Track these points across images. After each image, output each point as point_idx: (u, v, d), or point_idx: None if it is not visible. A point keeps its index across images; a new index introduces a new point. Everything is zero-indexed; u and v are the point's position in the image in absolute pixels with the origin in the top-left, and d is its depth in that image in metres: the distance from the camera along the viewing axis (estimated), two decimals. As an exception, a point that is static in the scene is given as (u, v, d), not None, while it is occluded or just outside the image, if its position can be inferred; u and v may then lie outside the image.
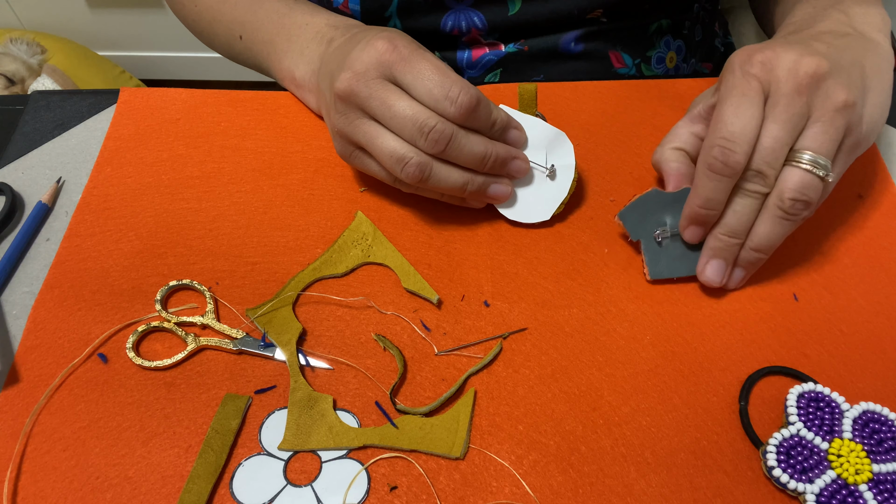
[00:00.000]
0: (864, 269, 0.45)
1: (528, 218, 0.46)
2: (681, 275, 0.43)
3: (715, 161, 0.38)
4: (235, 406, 0.39)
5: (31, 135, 0.52)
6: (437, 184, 0.42)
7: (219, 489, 0.36)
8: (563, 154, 0.46)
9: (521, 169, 0.45)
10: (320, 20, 0.51)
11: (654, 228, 0.43)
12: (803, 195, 0.38)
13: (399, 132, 0.40)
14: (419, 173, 0.41)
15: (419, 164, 0.40)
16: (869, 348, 0.41)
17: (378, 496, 0.36)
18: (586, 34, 0.59)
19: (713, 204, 0.40)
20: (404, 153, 0.40)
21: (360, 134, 0.42)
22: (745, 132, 0.38)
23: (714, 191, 0.39)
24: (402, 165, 0.40)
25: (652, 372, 0.41)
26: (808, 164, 0.38)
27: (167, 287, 0.43)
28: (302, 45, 0.50)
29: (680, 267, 0.43)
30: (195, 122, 0.52)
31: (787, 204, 0.38)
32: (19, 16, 1.61)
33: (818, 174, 0.38)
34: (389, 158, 0.41)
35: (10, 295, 0.44)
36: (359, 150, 0.43)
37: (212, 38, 0.60)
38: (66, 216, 0.47)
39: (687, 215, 0.41)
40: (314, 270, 0.44)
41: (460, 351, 0.41)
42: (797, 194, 0.38)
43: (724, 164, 0.38)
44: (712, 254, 0.42)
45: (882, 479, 0.35)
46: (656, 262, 0.43)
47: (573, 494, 0.36)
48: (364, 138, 0.42)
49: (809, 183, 0.38)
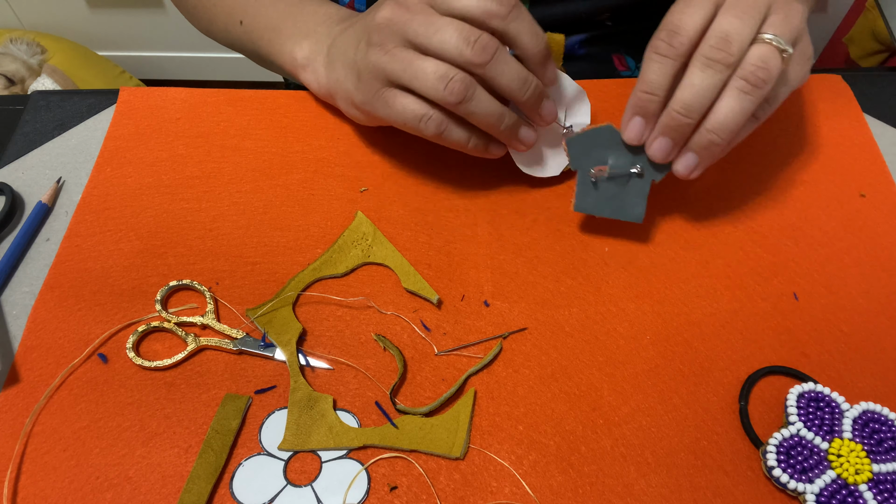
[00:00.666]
0: (864, 269, 0.45)
1: (539, 172, 0.46)
2: (604, 215, 0.44)
3: (660, 42, 0.39)
4: (235, 406, 0.39)
5: (31, 135, 0.52)
6: (476, 108, 0.40)
7: (219, 489, 0.36)
8: (582, 113, 0.46)
9: (552, 113, 0.44)
10: (330, 9, 0.51)
11: (595, 164, 0.43)
12: (764, 64, 0.38)
13: (440, 50, 0.39)
14: (463, 89, 0.39)
15: (463, 79, 0.39)
16: (869, 348, 0.41)
17: (378, 496, 0.36)
18: (591, 38, 0.59)
19: (655, 87, 0.39)
20: (447, 70, 0.39)
21: (397, 61, 0.40)
22: (693, 21, 0.39)
23: (657, 73, 0.39)
24: (447, 82, 0.39)
25: (652, 372, 0.41)
26: (768, 40, 0.38)
27: (167, 287, 0.43)
28: (309, 29, 0.50)
29: (605, 207, 0.43)
30: (195, 122, 0.52)
31: (748, 70, 0.38)
32: (19, 16, 1.61)
33: (778, 47, 0.38)
34: (433, 76, 0.39)
35: (10, 295, 0.44)
36: (387, 87, 0.42)
37: (209, 24, 0.60)
38: (66, 216, 0.47)
39: (630, 105, 0.41)
40: (314, 270, 0.44)
41: (460, 351, 0.41)
42: (759, 62, 0.38)
43: (668, 45, 0.39)
44: (661, 130, 0.40)
45: (882, 479, 0.35)
46: (584, 195, 0.43)
47: (573, 494, 0.36)
48: (402, 63, 0.40)
49: (770, 54, 0.38)
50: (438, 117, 0.41)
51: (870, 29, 1.26)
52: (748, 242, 0.46)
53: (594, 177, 0.43)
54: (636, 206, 0.43)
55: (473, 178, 0.49)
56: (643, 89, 0.40)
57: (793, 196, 0.48)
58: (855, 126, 0.52)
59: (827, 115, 0.53)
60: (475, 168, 0.50)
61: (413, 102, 0.41)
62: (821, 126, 0.52)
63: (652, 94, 0.40)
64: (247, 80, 1.68)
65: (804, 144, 0.51)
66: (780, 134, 0.52)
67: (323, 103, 0.53)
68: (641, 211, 0.43)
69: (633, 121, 0.41)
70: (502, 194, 0.48)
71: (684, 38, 0.39)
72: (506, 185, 0.49)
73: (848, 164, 0.50)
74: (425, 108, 0.41)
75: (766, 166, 0.50)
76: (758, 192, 0.49)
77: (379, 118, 0.44)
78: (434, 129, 0.42)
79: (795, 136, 0.52)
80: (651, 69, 0.39)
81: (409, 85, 0.40)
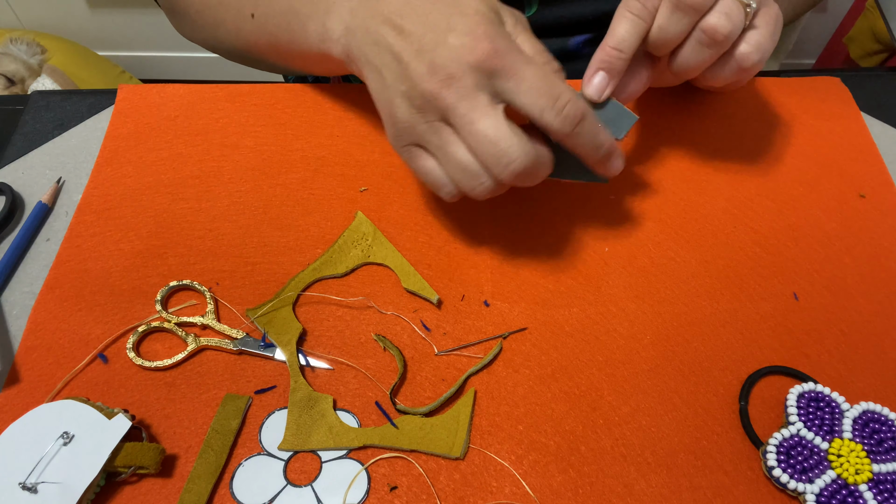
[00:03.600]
0: (864, 269, 0.45)
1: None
2: (571, 178, 0.42)
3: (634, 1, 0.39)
4: (235, 406, 0.39)
5: (31, 135, 0.52)
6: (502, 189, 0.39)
7: (219, 489, 0.36)
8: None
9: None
10: None
11: None
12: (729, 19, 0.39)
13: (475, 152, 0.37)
14: (488, 195, 0.38)
15: (489, 188, 0.38)
16: (869, 348, 0.41)
17: (378, 496, 0.36)
18: (596, 38, 0.59)
19: (625, 45, 0.39)
20: (477, 172, 0.37)
21: (432, 134, 0.38)
22: None
23: (628, 31, 0.39)
24: (475, 185, 0.38)
25: (652, 372, 0.41)
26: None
27: (167, 287, 0.43)
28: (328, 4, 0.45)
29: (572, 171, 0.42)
30: (194, 119, 0.52)
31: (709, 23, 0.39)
32: (19, 16, 1.61)
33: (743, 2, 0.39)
34: (462, 172, 0.38)
35: (10, 295, 0.44)
36: (419, 148, 0.40)
37: (216, 28, 0.55)
38: (67, 216, 0.47)
39: (595, 60, 0.40)
40: (314, 270, 0.44)
41: (460, 351, 0.41)
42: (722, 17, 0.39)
43: (641, 5, 0.39)
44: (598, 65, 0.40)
45: (882, 479, 0.35)
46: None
47: (573, 494, 0.36)
48: (437, 140, 0.38)
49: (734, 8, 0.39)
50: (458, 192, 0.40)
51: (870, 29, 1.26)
52: (748, 242, 0.46)
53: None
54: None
55: (473, 178, 0.49)
56: (612, 45, 0.40)
57: (793, 197, 0.48)
58: (854, 127, 0.52)
59: (826, 117, 0.53)
60: (475, 168, 0.50)
61: (436, 169, 0.39)
62: (820, 128, 0.52)
63: (621, 51, 0.40)
64: (247, 81, 1.68)
65: (804, 146, 0.51)
66: (780, 135, 0.52)
67: (321, 98, 0.53)
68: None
69: (597, 75, 0.40)
70: (502, 195, 0.48)
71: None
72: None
73: (847, 165, 0.50)
74: (446, 179, 0.39)
75: (766, 167, 0.50)
76: (758, 192, 0.49)
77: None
78: (451, 199, 0.41)
79: (795, 137, 0.52)
80: (622, 26, 0.40)
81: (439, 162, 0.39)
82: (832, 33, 1.46)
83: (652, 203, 0.48)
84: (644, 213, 0.48)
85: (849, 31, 1.34)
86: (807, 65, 1.63)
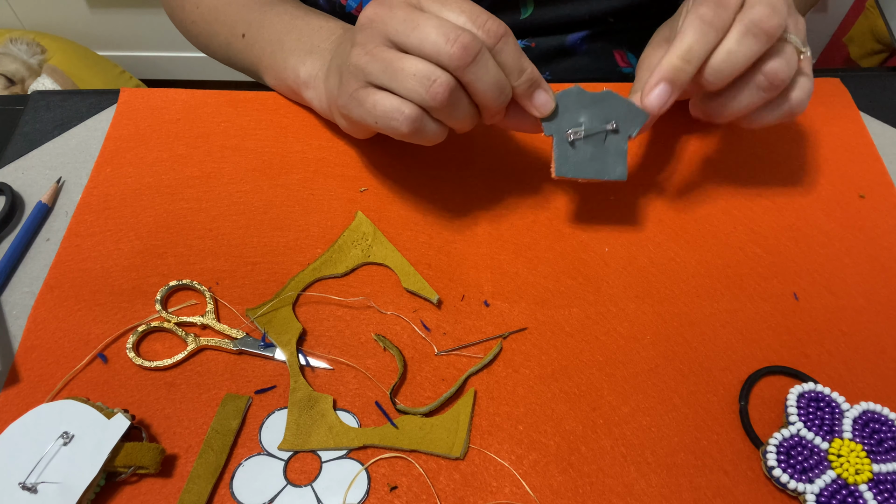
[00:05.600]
0: (864, 269, 0.45)
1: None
2: (587, 176, 0.42)
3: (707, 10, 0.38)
4: (235, 406, 0.39)
5: (31, 135, 0.52)
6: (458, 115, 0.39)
7: (219, 489, 0.36)
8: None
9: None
10: (335, 24, 0.50)
11: (568, 127, 0.42)
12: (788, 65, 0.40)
13: (420, 47, 0.37)
14: (447, 93, 0.37)
15: (447, 82, 0.37)
16: (869, 348, 0.41)
17: (378, 496, 0.36)
18: (593, 34, 0.59)
19: (695, 56, 0.38)
20: (429, 72, 0.37)
21: (377, 61, 0.38)
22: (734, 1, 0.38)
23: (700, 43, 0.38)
24: (430, 84, 0.37)
25: (652, 372, 0.41)
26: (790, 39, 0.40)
27: (167, 287, 0.43)
28: (312, 45, 0.49)
29: (586, 169, 0.42)
30: (195, 123, 0.52)
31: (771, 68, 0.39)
32: (19, 16, 1.61)
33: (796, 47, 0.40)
34: (413, 78, 0.37)
35: (10, 295, 0.44)
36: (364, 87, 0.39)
37: (209, 38, 0.58)
38: (66, 216, 0.47)
39: (660, 69, 0.39)
40: (314, 270, 0.44)
41: (460, 351, 0.41)
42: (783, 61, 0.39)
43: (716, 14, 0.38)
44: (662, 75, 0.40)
45: (882, 479, 0.35)
46: (564, 160, 0.42)
47: (573, 494, 0.36)
48: (382, 63, 0.38)
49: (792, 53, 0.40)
50: (413, 112, 0.38)
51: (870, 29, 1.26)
52: (748, 242, 0.46)
53: (571, 136, 0.41)
54: (617, 164, 0.42)
55: (473, 177, 0.49)
56: (682, 56, 0.38)
57: (793, 197, 0.48)
58: (854, 128, 0.52)
59: (826, 118, 0.53)
60: (475, 168, 0.50)
61: (385, 98, 0.38)
62: (820, 129, 0.52)
63: (688, 61, 0.38)
64: (247, 81, 1.68)
65: (804, 147, 0.51)
66: (780, 136, 0.52)
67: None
68: (624, 169, 0.42)
69: (659, 87, 0.40)
70: (502, 194, 0.48)
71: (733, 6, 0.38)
72: (506, 186, 0.49)
73: (847, 165, 0.50)
74: (397, 103, 0.38)
75: (766, 168, 0.50)
76: (758, 193, 0.49)
77: (354, 120, 0.42)
78: (408, 128, 0.38)
79: (795, 138, 0.52)
80: (691, 35, 0.38)
81: (389, 86, 0.38)
82: (832, 33, 1.46)
83: (652, 203, 0.48)
84: (644, 213, 0.48)
85: (849, 31, 1.34)
86: (807, 65, 1.63)
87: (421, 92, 0.37)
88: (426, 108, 0.38)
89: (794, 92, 0.41)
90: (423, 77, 0.37)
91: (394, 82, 0.38)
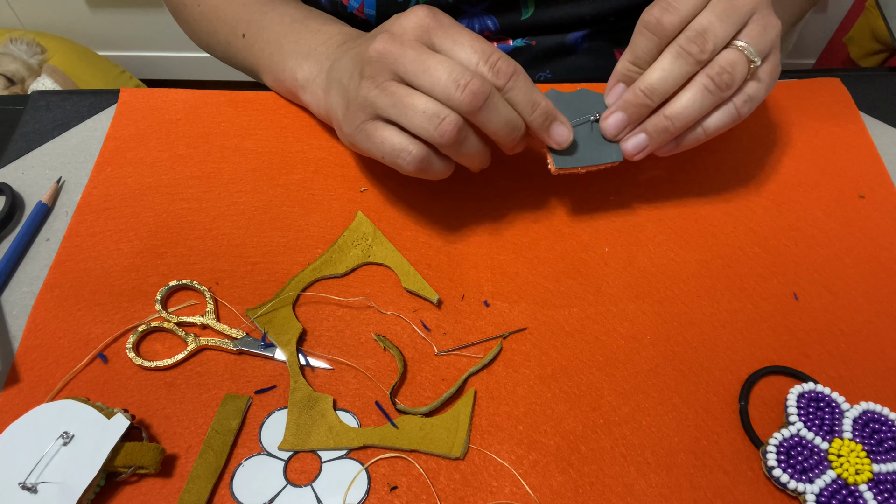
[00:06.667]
0: (864, 269, 0.45)
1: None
2: (584, 164, 0.43)
3: (652, 19, 0.40)
4: (235, 406, 0.39)
5: (31, 135, 0.52)
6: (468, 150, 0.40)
7: (219, 489, 0.36)
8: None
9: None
10: (334, 28, 0.50)
11: None
12: (731, 68, 0.40)
13: (431, 91, 0.38)
14: (455, 131, 0.37)
15: (456, 121, 0.37)
16: (869, 348, 0.41)
17: (378, 496, 0.36)
18: (593, 33, 0.60)
19: (640, 61, 0.41)
20: (438, 110, 0.37)
21: (387, 96, 0.38)
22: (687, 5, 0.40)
23: (644, 48, 0.41)
24: (438, 122, 0.37)
25: (652, 372, 0.41)
26: (741, 48, 0.40)
27: (167, 287, 0.43)
28: (310, 48, 0.49)
29: (583, 157, 0.43)
30: (195, 123, 0.52)
31: (715, 71, 0.40)
32: (19, 16, 1.61)
33: (749, 57, 0.40)
34: (423, 115, 0.37)
35: (10, 295, 0.44)
36: (371, 120, 0.40)
37: (210, 36, 0.59)
38: (66, 216, 0.47)
39: (616, 72, 0.42)
40: (314, 270, 0.44)
41: (460, 351, 0.41)
42: (727, 65, 0.40)
43: (658, 23, 0.40)
44: (622, 106, 0.42)
45: (882, 479, 0.35)
46: (559, 153, 0.42)
47: (573, 494, 0.36)
48: (391, 98, 0.38)
49: (739, 60, 0.40)
50: (420, 152, 0.39)
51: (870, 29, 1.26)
52: (748, 242, 0.46)
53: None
54: (611, 149, 0.43)
55: (474, 178, 0.49)
56: (630, 59, 0.42)
57: (792, 197, 0.48)
58: (853, 129, 0.52)
59: (825, 118, 0.53)
60: (475, 168, 0.50)
61: (394, 136, 0.39)
62: (819, 129, 0.52)
63: (637, 66, 0.41)
64: (247, 81, 1.68)
65: (803, 147, 0.51)
66: (780, 136, 0.52)
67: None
68: (618, 151, 0.43)
69: (617, 86, 0.43)
70: (502, 195, 0.48)
71: (675, 19, 0.40)
72: (506, 186, 0.49)
73: (847, 166, 0.50)
74: (405, 142, 0.39)
75: (765, 168, 0.50)
76: (758, 193, 0.49)
77: (360, 151, 0.42)
78: (414, 166, 0.39)
79: (795, 138, 0.52)
80: (639, 43, 0.41)
81: (398, 122, 0.39)
82: (832, 33, 1.46)
83: (652, 203, 0.48)
84: (644, 213, 0.48)
85: (849, 31, 1.34)
86: (807, 65, 1.63)
87: (430, 129, 0.38)
88: (435, 144, 0.39)
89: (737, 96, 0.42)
90: (433, 115, 0.37)
91: (403, 118, 0.38)
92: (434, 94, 0.38)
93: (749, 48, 0.40)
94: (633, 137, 0.42)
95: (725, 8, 0.40)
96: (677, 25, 0.40)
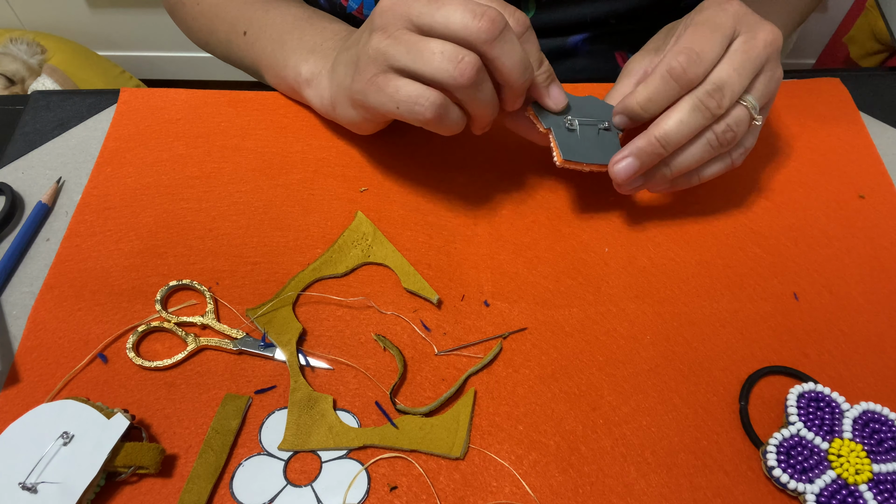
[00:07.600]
0: (864, 269, 0.45)
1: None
2: (590, 162, 0.43)
3: (678, 65, 0.40)
4: (235, 406, 0.39)
5: (31, 135, 0.52)
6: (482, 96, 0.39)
7: (219, 489, 0.36)
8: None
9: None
10: (338, 26, 0.50)
11: (563, 119, 0.43)
12: (736, 127, 0.41)
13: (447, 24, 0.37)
14: (475, 71, 0.37)
15: (475, 61, 0.37)
16: (869, 348, 0.41)
17: (378, 496, 0.36)
18: (594, 36, 0.60)
19: (653, 106, 0.41)
20: (456, 51, 0.37)
21: (401, 44, 0.38)
22: (710, 55, 0.40)
23: (661, 95, 0.41)
24: (457, 63, 0.36)
25: (652, 372, 0.41)
26: (747, 105, 0.41)
27: (167, 287, 0.43)
28: (315, 44, 0.49)
29: (590, 154, 0.43)
30: (195, 123, 0.52)
31: (721, 129, 0.41)
32: (19, 16, 1.61)
33: (752, 114, 0.42)
34: (441, 55, 0.37)
35: (10, 295, 0.44)
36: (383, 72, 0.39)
37: (209, 34, 0.59)
38: (66, 216, 0.47)
39: (624, 106, 0.42)
40: (314, 270, 0.44)
41: (460, 351, 0.41)
42: (733, 124, 0.41)
43: (683, 71, 0.39)
44: (635, 152, 0.41)
45: (882, 479, 0.35)
46: (567, 146, 0.42)
47: (573, 494, 0.36)
48: (405, 45, 0.37)
49: (743, 119, 0.41)
50: (437, 98, 0.38)
51: (870, 29, 1.26)
52: (748, 242, 0.46)
53: (567, 124, 0.43)
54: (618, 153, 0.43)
55: (473, 178, 0.49)
56: (641, 103, 0.42)
57: (792, 197, 0.48)
58: (853, 128, 0.52)
59: (825, 118, 0.53)
60: (475, 168, 0.50)
61: (408, 84, 0.38)
62: (819, 129, 0.52)
63: (647, 111, 0.42)
64: (247, 81, 1.68)
65: (803, 147, 0.51)
66: (780, 136, 0.52)
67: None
68: None
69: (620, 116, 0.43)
70: (502, 194, 0.48)
71: (700, 71, 0.40)
72: (506, 185, 0.49)
73: (847, 166, 0.50)
74: (421, 88, 0.38)
75: (766, 168, 0.50)
76: (758, 193, 0.49)
77: (372, 108, 0.41)
78: (432, 113, 0.38)
79: (795, 138, 0.52)
80: (658, 87, 0.41)
81: (414, 68, 0.38)
82: (832, 33, 1.46)
83: (652, 203, 0.48)
84: (644, 213, 0.48)
85: (849, 31, 1.34)
86: (807, 65, 1.63)
87: (450, 69, 0.37)
88: (452, 88, 0.38)
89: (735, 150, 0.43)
90: (451, 55, 0.37)
91: (419, 62, 0.37)
92: (451, 28, 0.37)
93: (754, 105, 0.41)
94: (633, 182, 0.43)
95: (742, 61, 0.40)
96: (701, 77, 0.40)
